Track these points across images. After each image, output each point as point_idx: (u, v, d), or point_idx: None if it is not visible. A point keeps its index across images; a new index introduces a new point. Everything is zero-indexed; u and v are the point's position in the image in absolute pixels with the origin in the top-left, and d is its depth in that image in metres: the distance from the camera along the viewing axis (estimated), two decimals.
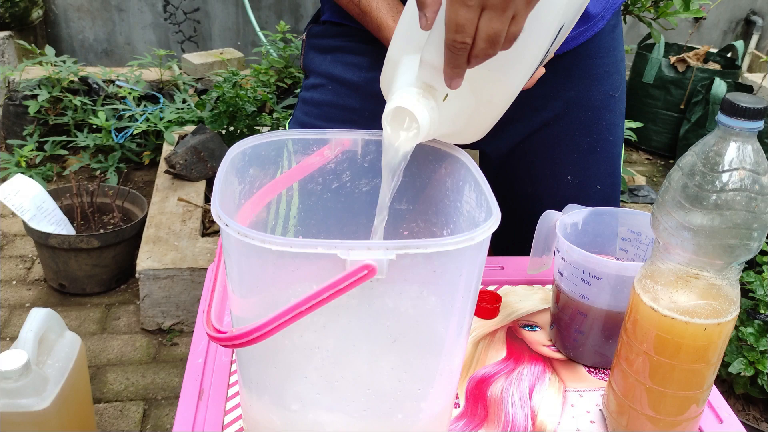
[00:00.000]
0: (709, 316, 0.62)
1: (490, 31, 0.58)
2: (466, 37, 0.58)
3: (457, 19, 0.57)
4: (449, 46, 0.59)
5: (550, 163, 1.01)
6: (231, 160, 0.68)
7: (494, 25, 0.57)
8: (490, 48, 0.59)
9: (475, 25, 0.57)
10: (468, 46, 0.59)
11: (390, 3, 0.85)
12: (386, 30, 0.85)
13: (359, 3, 0.86)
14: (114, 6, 3.49)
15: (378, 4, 0.85)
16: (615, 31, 0.98)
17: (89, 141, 2.56)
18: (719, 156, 0.58)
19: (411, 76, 0.65)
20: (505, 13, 0.57)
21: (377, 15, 0.85)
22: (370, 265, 0.53)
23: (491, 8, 0.56)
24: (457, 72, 0.61)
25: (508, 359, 0.82)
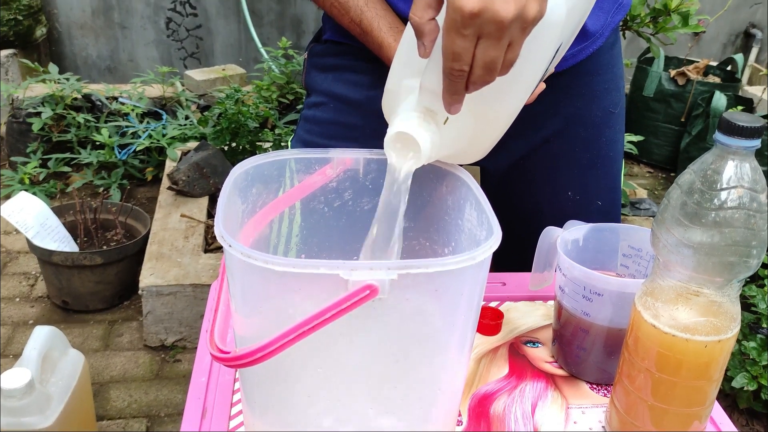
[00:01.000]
0: (710, 333, 0.62)
1: (487, 59, 0.59)
2: (463, 65, 0.59)
3: (454, 47, 0.58)
4: (447, 74, 0.60)
5: (551, 179, 1.02)
6: (234, 180, 0.68)
7: (490, 53, 0.58)
8: (487, 75, 0.60)
9: (471, 53, 0.58)
10: (465, 74, 0.60)
11: (391, 23, 0.87)
12: (387, 49, 0.86)
13: (360, 23, 0.87)
14: (117, 23, 3.52)
15: (379, 23, 0.86)
16: (614, 48, 0.99)
17: (92, 158, 2.57)
18: (717, 174, 0.59)
19: (411, 100, 0.66)
20: (501, 42, 0.58)
21: (378, 34, 0.86)
22: (373, 285, 0.53)
23: (487, 37, 0.57)
24: (456, 98, 0.62)
25: (511, 376, 0.82)
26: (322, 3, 0.90)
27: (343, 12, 0.88)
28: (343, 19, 0.89)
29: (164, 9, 3.52)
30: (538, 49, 0.65)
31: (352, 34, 0.90)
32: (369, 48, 0.89)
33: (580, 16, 0.76)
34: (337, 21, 0.91)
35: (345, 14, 0.88)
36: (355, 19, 0.88)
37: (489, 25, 0.57)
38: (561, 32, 0.67)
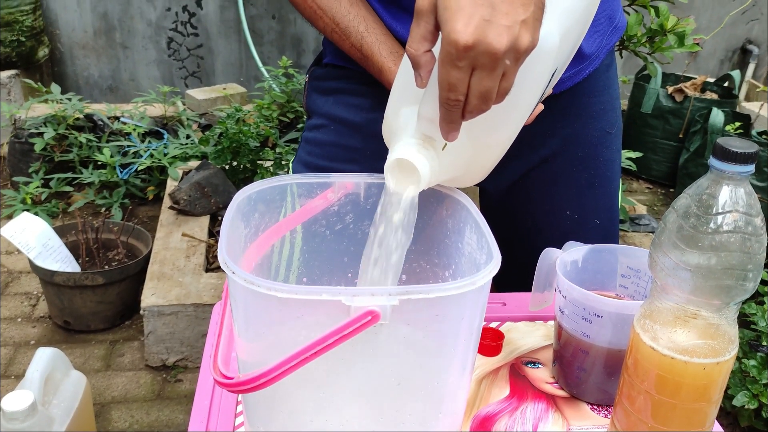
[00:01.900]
0: (708, 355, 0.63)
1: (482, 89, 0.60)
2: (459, 95, 0.60)
3: (449, 78, 0.60)
4: (443, 104, 0.62)
5: (549, 199, 1.03)
6: (237, 205, 0.69)
7: (485, 83, 0.60)
8: (482, 104, 0.61)
9: (466, 83, 0.60)
10: (461, 103, 0.61)
11: (391, 47, 0.88)
12: (388, 73, 0.87)
13: (361, 48, 0.89)
14: (119, 43, 3.55)
15: (379, 48, 0.88)
16: (609, 70, 1.00)
17: (94, 177, 2.58)
18: (713, 198, 0.60)
19: (410, 127, 0.67)
20: (495, 72, 0.59)
21: (379, 59, 0.88)
22: (374, 311, 0.54)
23: (481, 68, 0.59)
24: (453, 126, 0.63)
25: (512, 397, 0.82)
26: (323, 28, 0.91)
27: (344, 37, 0.89)
28: (344, 44, 0.90)
29: (165, 29, 3.55)
30: (532, 76, 0.67)
31: (353, 58, 0.91)
32: (369, 72, 0.90)
33: (575, 40, 0.78)
34: (338, 46, 0.92)
35: (346, 39, 0.89)
36: (355, 44, 0.89)
37: (483, 57, 0.58)
38: (555, 58, 0.68)
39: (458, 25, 0.57)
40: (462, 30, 0.57)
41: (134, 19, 3.50)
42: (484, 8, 0.58)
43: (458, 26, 0.57)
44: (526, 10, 0.59)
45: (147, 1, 3.48)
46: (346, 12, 0.88)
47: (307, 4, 0.90)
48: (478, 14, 0.57)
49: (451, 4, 0.58)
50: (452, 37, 0.57)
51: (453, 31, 0.58)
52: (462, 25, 0.57)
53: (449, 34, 0.58)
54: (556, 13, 0.66)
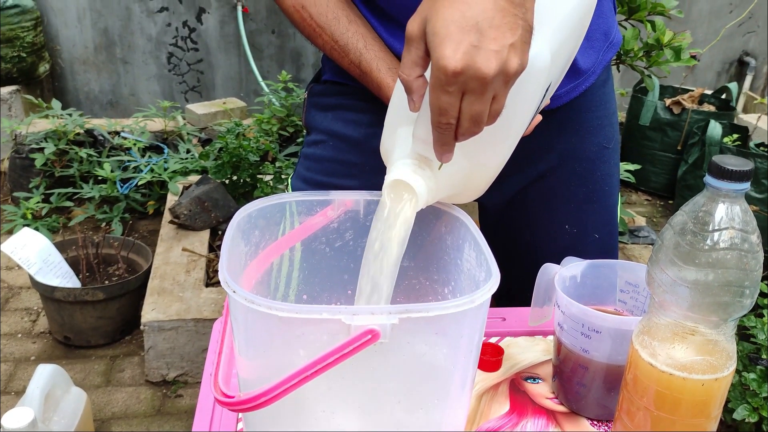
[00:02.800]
0: (707, 371, 0.63)
1: (473, 112, 0.61)
2: (450, 119, 0.61)
3: (440, 103, 0.60)
4: (435, 127, 0.62)
5: (548, 214, 1.03)
6: (237, 224, 0.70)
7: (476, 107, 0.60)
8: (474, 127, 0.62)
9: (457, 107, 0.61)
10: (453, 126, 0.62)
11: (390, 64, 0.89)
12: (386, 89, 0.88)
13: (360, 64, 0.89)
14: (119, 59, 3.57)
15: (378, 65, 0.89)
16: (606, 85, 1.01)
17: (94, 192, 2.59)
18: (709, 215, 0.60)
19: (406, 147, 0.68)
20: (485, 96, 0.60)
21: (377, 75, 0.88)
22: (374, 330, 0.54)
23: (471, 92, 0.60)
24: (446, 148, 0.64)
25: (512, 413, 0.82)
26: (322, 46, 0.92)
27: (343, 54, 0.90)
28: (343, 61, 0.91)
29: (166, 44, 3.58)
30: (525, 95, 0.68)
31: (352, 75, 0.92)
32: (369, 88, 0.91)
33: (568, 54, 0.78)
34: (338, 63, 0.93)
35: (345, 56, 0.90)
36: (354, 61, 0.90)
37: (472, 82, 0.59)
38: (547, 76, 0.69)
39: (447, 51, 0.58)
40: (450, 56, 0.58)
41: (134, 34, 3.53)
42: (471, 34, 0.59)
43: (447, 52, 0.58)
44: (514, 33, 0.60)
45: (147, 17, 3.51)
46: (345, 29, 0.89)
47: (306, 22, 0.91)
48: (466, 40, 0.58)
49: (439, 31, 0.59)
50: (441, 63, 0.58)
51: (442, 58, 0.58)
52: (450, 51, 0.58)
53: (438, 60, 0.59)
54: (548, 30, 0.67)
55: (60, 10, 3.43)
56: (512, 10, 0.60)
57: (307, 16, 0.90)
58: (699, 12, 3.85)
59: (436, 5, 0.60)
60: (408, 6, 0.85)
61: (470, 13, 0.59)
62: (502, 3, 0.60)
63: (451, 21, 0.59)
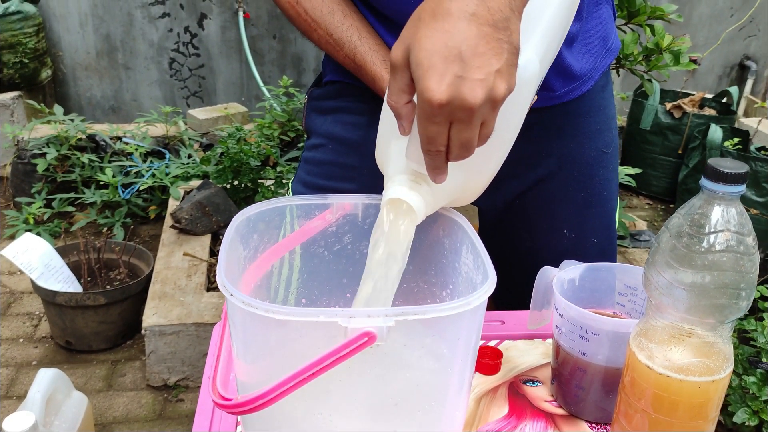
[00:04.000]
0: (704, 373, 0.63)
1: (462, 139, 0.61)
2: (439, 146, 0.61)
3: (428, 133, 0.60)
4: (425, 153, 0.62)
5: (547, 218, 1.03)
6: (236, 227, 0.70)
7: (464, 135, 0.60)
8: (464, 152, 0.62)
9: (446, 135, 0.60)
10: (443, 153, 0.62)
11: (384, 56, 0.89)
12: (380, 81, 0.88)
13: (354, 57, 0.90)
14: (121, 64, 3.58)
15: (372, 57, 0.89)
16: (605, 90, 1.01)
17: (96, 197, 2.60)
18: (705, 218, 0.60)
19: (401, 161, 0.68)
20: (473, 123, 0.60)
21: (372, 68, 0.89)
22: (371, 332, 0.54)
23: (458, 122, 0.59)
24: (439, 170, 0.64)
25: (511, 416, 0.82)
26: (318, 40, 0.93)
27: (338, 48, 0.91)
28: (338, 55, 0.91)
29: (167, 49, 3.59)
30: (517, 105, 0.68)
31: (348, 69, 0.93)
32: (364, 82, 0.91)
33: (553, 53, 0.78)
34: (333, 57, 0.93)
35: (339, 50, 0.91)
36: (349, 55, 0.90)
37: (459, 112, 0.58)
38: (537, 82, 0.70)
39: (431, 83, 0.57)
40: (435, 88, 0.57)
41: (136, 40, 3.54)
42: (455, 64, 0.58)
43: (431, 84, 0.57)
44: (500, 59, 0.59)
45: (149, 23, 3.52)
46: (339, 23, 0.89)
47: (302, 17, 0.91)
48: (450, 71, 0.57)
49: (423, 62, 0.58)
50: (426, 96, 0.58)
51: (426, 90, 0.58)
52: (435, 83, 0.57)
53: (423, 92, 0.58)
54: (535, 38, 0.67)
55: (62, 16, 3.44)
56: (496, 35, 0.59)
57: (302, 11, 0.90)
58: (700, 16, 3.85)
59: (418, 34, 0.59)
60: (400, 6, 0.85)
61: (452, 42, 0.58)
62: (485, 29, 0.59)
63: (434, 51, 0.58)
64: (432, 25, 0.59)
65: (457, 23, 0.58)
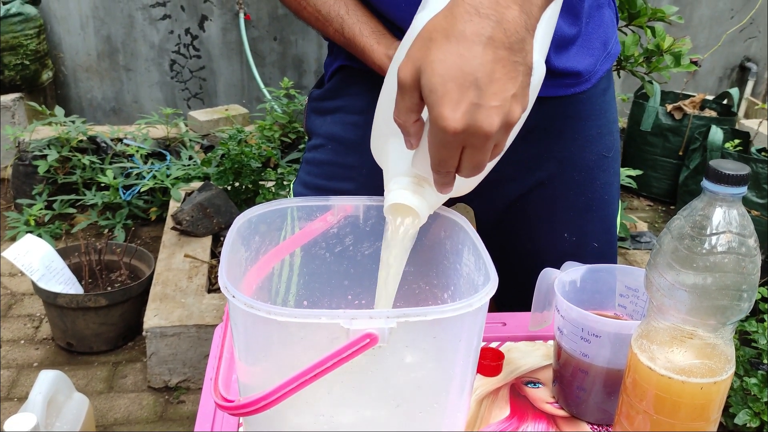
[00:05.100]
0: (705, 375, 0.63)
1: (474, 162, 0.60)
2: (450, 168, 0.60)
3: (439, 157, 0.59)
4: (435, 171, 0.61)
5: (547, 221, 1.03)
6: (237, 229, 0.70)
7: (477, 158, 0.59)
8: (475, 172, 0.61)
9: (457, 158, 0.59)
10: (453, 173, 0.61)
11: (373, 27, 0.89)
12: (370, 52, 0.88)
13: (343, 31, 0.90)
14: (122, 66, 3.59)
15: (361, 29, 0.89)
16: (606, 93, 1.01)
17: (97, 199, 2.60)
18: (707, 219, 0.60)
19: (402, 163, 0.68)
20: (486, 148, 0.59)
21: (361, 40, 0.88)
22: (372, 334, 0.55)
23: (472, 147, 0.58)
24: (446, 185, 0.63)
25: (512, 417, 0.82)
26: (308, 18, 0.93)
27: (327, 24, 0.91)
28: (328, 31, 0.91)
29: (168, 51, 3.59)
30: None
31: (339, 44, 0.93)
32: (356, 55, 0.91)
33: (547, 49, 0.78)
34: (324, 35, 0.93)
35: (329, 25, 0.91)
36: (338, 29, 0.90)
37: (473, 139, 0.57)
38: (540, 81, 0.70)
39: (445, 110, 0.56)
40: (450, 116, 0.56)
41: (137, 41, 3.54)
42: (471, 91, 0.56)
43: (445, 112, 0.56)
44: (515, 82, 0.57)
45: (150, 24, 3.52)
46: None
47: None
48: (466, 99, 0.56)
49: (437, 88, 0.56)
50: (440, 123, 0.56)
51: (440, 117, 0.56)
52: (449, 111, 0.56)
53: (437, 119, 0.56)
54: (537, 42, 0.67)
55: (63, 17, 3.45)
56: (512, 58, 0.57)
57: None
58: (700, 17, 3.86)
59: (430, 57, 0.57)
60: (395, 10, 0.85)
61: (468, 67, 0.56)
62: (501, 53, 0.57)
63: (449, 77, 0.56)
64: (446, 48, 0.56)
65: (472, 47, 0.56)
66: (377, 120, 0.75)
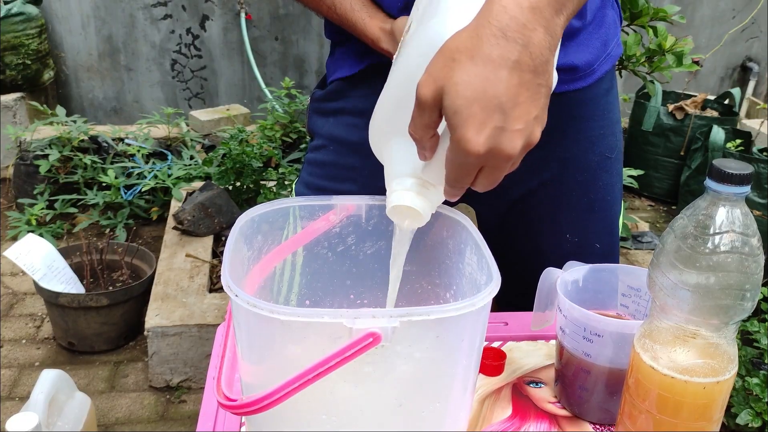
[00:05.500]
0: (708, 374, 0.63)
1: (490, 180, 0.61)
2: (466, 184, 0.61)
3: (457, 176, 0.60)
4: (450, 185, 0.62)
5: (549, 222, 1.03)
6: (240, 228, 0.70)
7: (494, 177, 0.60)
8: (489, 187, 0.62)
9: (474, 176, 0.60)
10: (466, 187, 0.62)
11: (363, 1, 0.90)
12: (362, 26, 0.88)
13: (335, 8, 0.91)
14: (123, 66, 3.59)
15: (351, 4, 0.89)
16: (609, 94, 1.01)
17: (99, 198, 2.60)
18: (710, 219, 0.60)
19: (405, 165, 0.68)
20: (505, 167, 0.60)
21: (352, 15, 0.89)
22: (375, 333, 0.55)
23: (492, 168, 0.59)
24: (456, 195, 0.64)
25: (514, 417, 0.82)
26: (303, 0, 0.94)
27: (320, 3, 0.92)
28: (322, 9, 0.92)
29: (169, 51, 3.59)
30: None
31: (334, 22, 0.93)
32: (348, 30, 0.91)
33: None
34: (319, 14, 0.94)
35: (322, 4, 0.92)
36: (330, 6, 0.91)
37: (494, 161, 0.58)
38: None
39: (469, 133, 0.56)
40: (473, 139, 0.56)
41: (138, 41, 3.54)
42: (496, 114, 0.56)
43: (469, 134, 0.56)
44: (538, 104, 0.58)
45: (151, 24, 3.52)
46: None
47: None
48: (490, 122, 0.56)
49: (462, 111, 0.56)
50: (463, 146, 0.56)
51: (464, 140, 0.56)
52: (473, 134, 0.56)
53: (459, 141, 0.57)
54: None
55: (64, 17, 3.45)
56: (536, 80, 0.57)
57: None
58: (702, 17, 3.86)
59: (455, 78, 0.56)
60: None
61: (494, 91, 0.56)
62: (527, 77, 0.57)
63: (474, 100, 0.56)
64: (471, 70, 0.56)
65: (499, 71, 0.56)
66: (379, 116, 0.74)
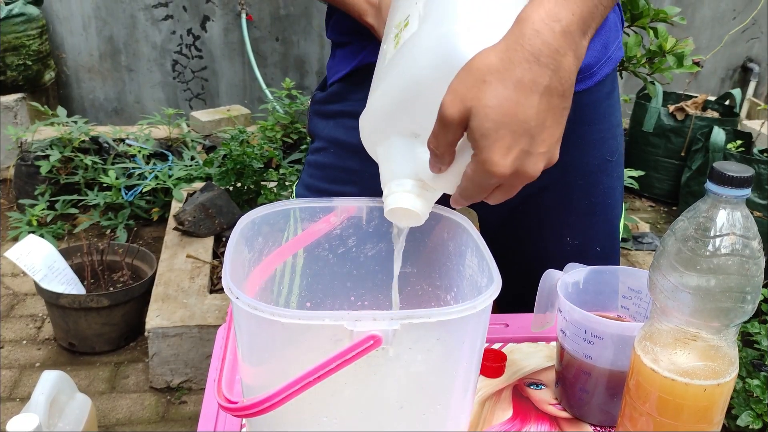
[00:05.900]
0: (709, 377, 0.63)
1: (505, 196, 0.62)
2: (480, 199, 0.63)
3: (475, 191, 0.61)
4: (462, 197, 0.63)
5: (550, 225, 1.03)
6: (241, 230, 0.70)
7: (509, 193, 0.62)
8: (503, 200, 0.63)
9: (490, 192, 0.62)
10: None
11: None
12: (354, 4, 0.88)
13: None
14: (124, 66, 3.59)
15: None
16: (611, 98, 1.00)
17: (99, 199, 2.60)
18: (710, 221, 0.60)
19: (405, 166, 0.68)
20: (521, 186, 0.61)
21: None
22: (376, 336, 0.55)
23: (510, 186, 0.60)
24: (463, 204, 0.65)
25: (515, 419, 0.82)
26: None
27: None
28: None
29: (170, 52, 3.59)
30: None
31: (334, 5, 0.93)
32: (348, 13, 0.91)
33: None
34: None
35: None
36: None
37: (515, 181, 0.59)
38: None
39: (496, 156, 0.57)
40: (499, 162, 0.57)
41: (139, 42, 3.55)
42: (524, 138, 0.57)
43: (496, 157, 0.57)
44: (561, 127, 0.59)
45: (152, 25, 3.53)
46: None
47: None
48: (517, 146, 0.57)
49: (490, 134, 0.57)
50: (488, 167, 0.57)
51: (489, 162, 0.57)
52: (499, 157, 0.57)
53: (485, 163, 0.57)
54: None
55: (65, 18, 3.45)
56: (562, 104, 0.59)
57: None
58: (702, 18, 3.85)
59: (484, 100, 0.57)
60: None
61: (523, 115, 0.57)
62: (555, 101, 0.58)
63: (503, 124, 0.56)
64: (501, 92, 0.57)
65: (530, 96, 0.57)
66: (376, 112, 0.73)
